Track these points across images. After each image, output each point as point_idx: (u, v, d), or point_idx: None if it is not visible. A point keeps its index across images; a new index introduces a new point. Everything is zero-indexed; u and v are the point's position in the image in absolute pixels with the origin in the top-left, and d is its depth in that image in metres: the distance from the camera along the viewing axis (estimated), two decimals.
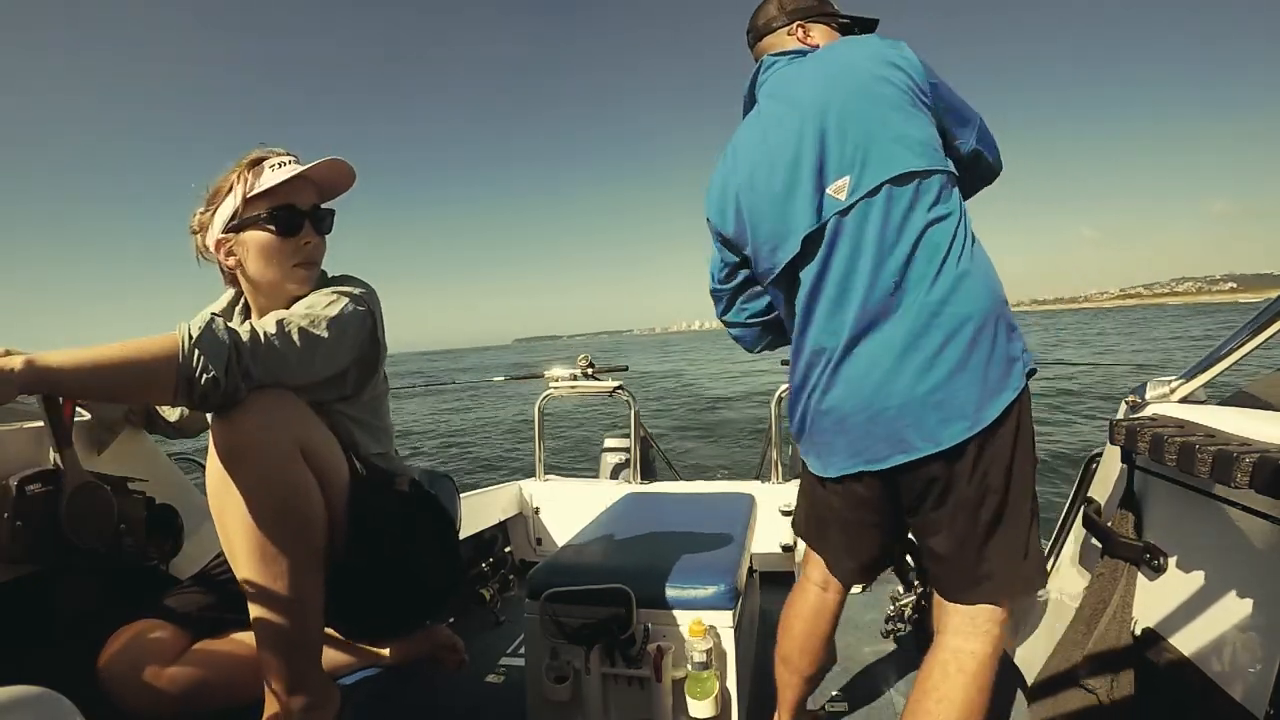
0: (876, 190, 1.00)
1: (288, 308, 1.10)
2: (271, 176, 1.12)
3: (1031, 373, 0.99)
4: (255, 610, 0.99)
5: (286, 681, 1.02)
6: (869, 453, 1.02)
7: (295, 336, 1.00)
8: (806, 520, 1.24)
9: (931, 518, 1.01)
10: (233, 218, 1.13)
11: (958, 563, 1.01)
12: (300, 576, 1.00)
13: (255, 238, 1.13)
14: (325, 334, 1.04)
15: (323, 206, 1.21)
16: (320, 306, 1.07)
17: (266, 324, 0.99)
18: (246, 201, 1.12)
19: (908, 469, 0.99)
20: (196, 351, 0.89)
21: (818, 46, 1.17)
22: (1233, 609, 0.96)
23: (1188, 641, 1.03)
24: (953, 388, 0.95)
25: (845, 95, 1.03)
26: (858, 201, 1.01)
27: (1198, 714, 0.97)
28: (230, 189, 1.14)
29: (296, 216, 1.14)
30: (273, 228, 1.13)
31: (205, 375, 0.89)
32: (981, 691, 0.98)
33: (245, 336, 0.95)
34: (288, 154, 1.17)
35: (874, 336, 1.00)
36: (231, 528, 0.97)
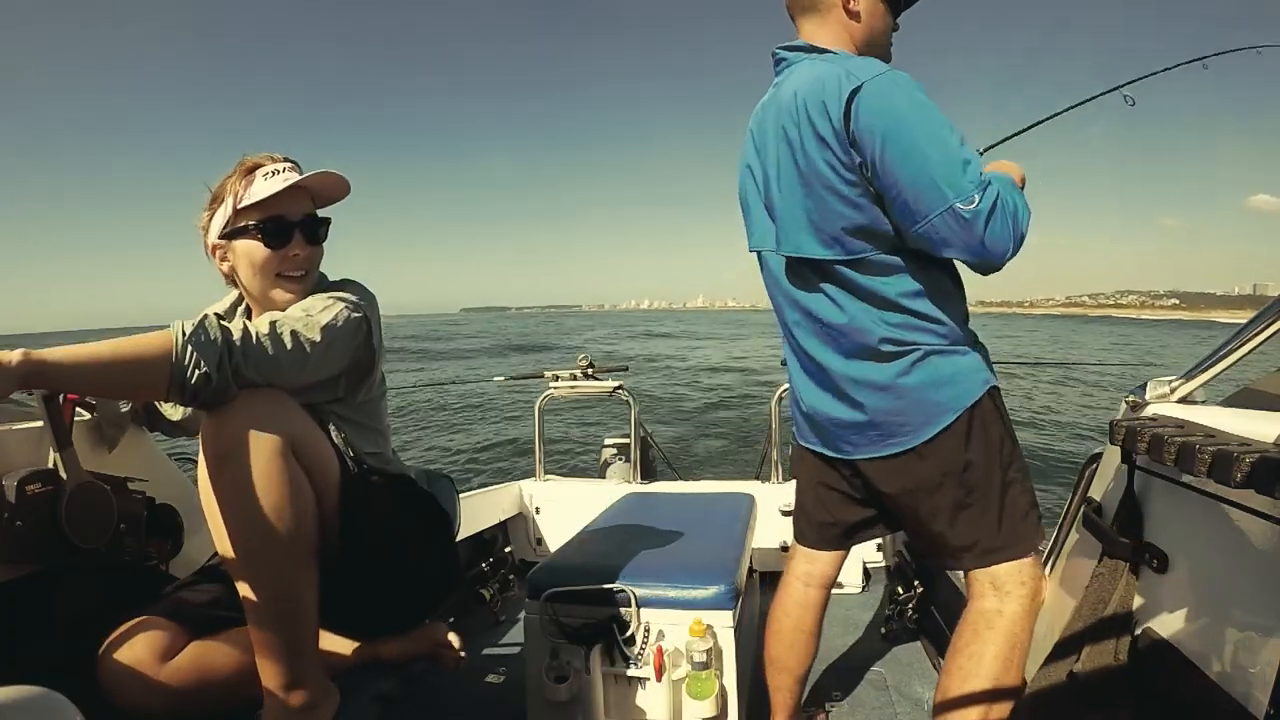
0: (795, 257, 1.10)
1: (284, 310, 1.10)
2: (262, 187, 1.12)
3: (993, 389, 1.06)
4: (249, 608, 0.99)
5: (284, 679, 1.02)
6: (830, 445, 1.16)
7: (287, 338, 1.00)
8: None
9: (900, 501, 1.09)
10: (225, 225, 1.14)
11: (934, 539, 1.08)
12: (293, 573, 1.00)
13: (245, 247, 1.14)
14: (318, 337, 1.04)
15: (319, 215, 1.21)
16: (316, 310, 1.08)
17: (260, 324, 1.00)
18: (237, 211, 1.13)
19: (863, 463, 1.11)
20: (189, 348, 0.90)
21: (858, 15, 1.08)
22: (1232, 609, 0.96)
23: (1187, 641, 1.03)
24: (884, 414, 1.05)
25: (785, 156, 1.05)
26: (785, 257, 1.12)
27: (1197, 714, 0.97)
28: (226, 195, 1.14)
29: (286, 228, 1.14)
30: (262, 239, 1.13)
31: (197, 372, 0.90)
32: (1014, 647, 1.01)
33: (237, 335, 0.95)
34: (284, 160, 1.17)
35: (820, 361, 1.12)
36: (223, 526, 0.97)
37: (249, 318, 1.24)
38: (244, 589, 0.99)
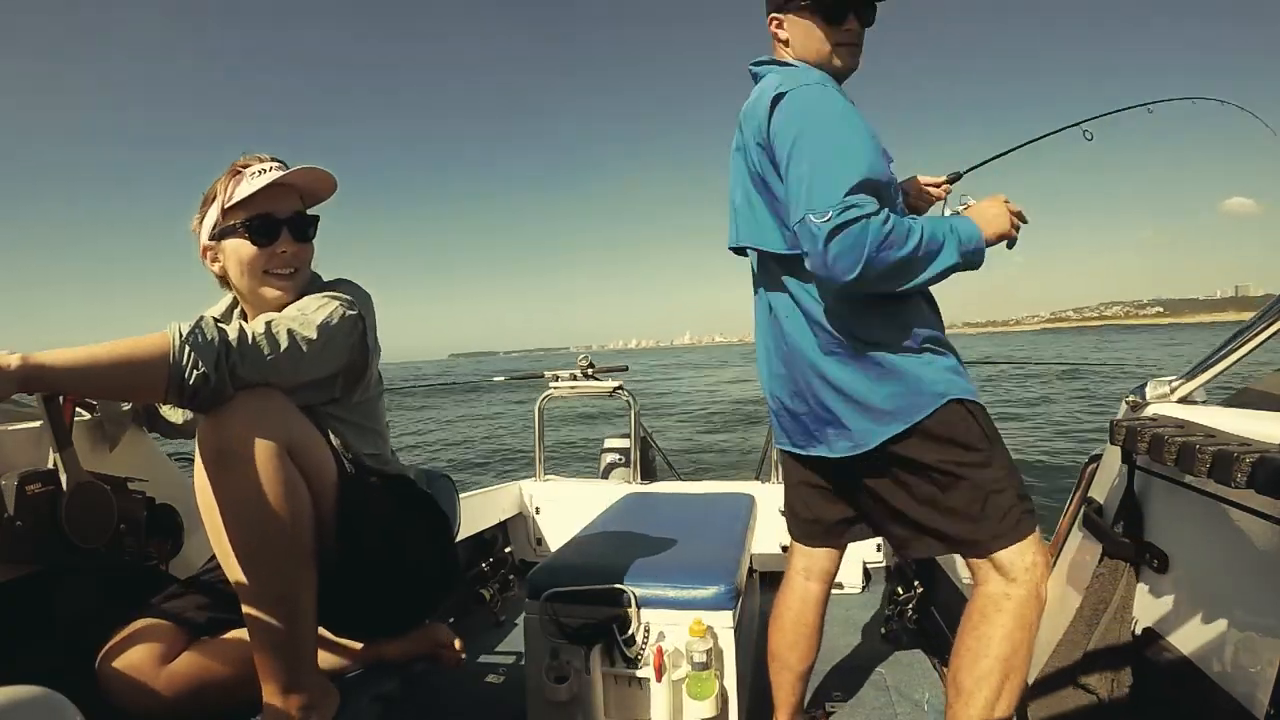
0: (762, 254, 1.15)
1: (280, 311, 1.10)
2: (248, 186, 1.12)
3: (959, 402, 1.04)
4: (247, 610, 0.99)
5: (283, 681, 1.02)
6: (797, 443, 1.19)
7: (283, 337, 1.00)
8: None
9: (874, 494, 1.12)
10: (215, 226, 1.15)
11: (916, 527, 1.09)
12: (290, 575, 1.00)
13: (234, 246, 1.15)
14: (314, 335, 1.04)
15: (308, 213, 1.21)
16: (310, 309, 1.08)
17: (256, 325, 1.00)
18: (225, 211, 1.14)
19: (825, 460, 1.14)
20: (187, 349, 0.90)
21: (787, 41, 1.15)
22: (1233, 609, 0.96)
23: (1188, 641, 1.03)
24: (835, 413, 1.08)
25: (737, 158, 1.14)
26: (758, 255, 1.18)
27: (1197, 714, 0.97)
28: (215, 197, 1.15)
29: (273, 225, 1.14)
30: (248, 236, 1.14)
31: (195, 372, 0.90)
32: (1022, 628, 1.02)
33: (234, 335, 0.96)
34: (272, 160, 1.17)
35: (781, 355, 1.16)
36: (220, 528, 0.97)
37: (245, 320, 1.25)
38: (241, 591, 0.99)
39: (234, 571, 0.99)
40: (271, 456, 0.96)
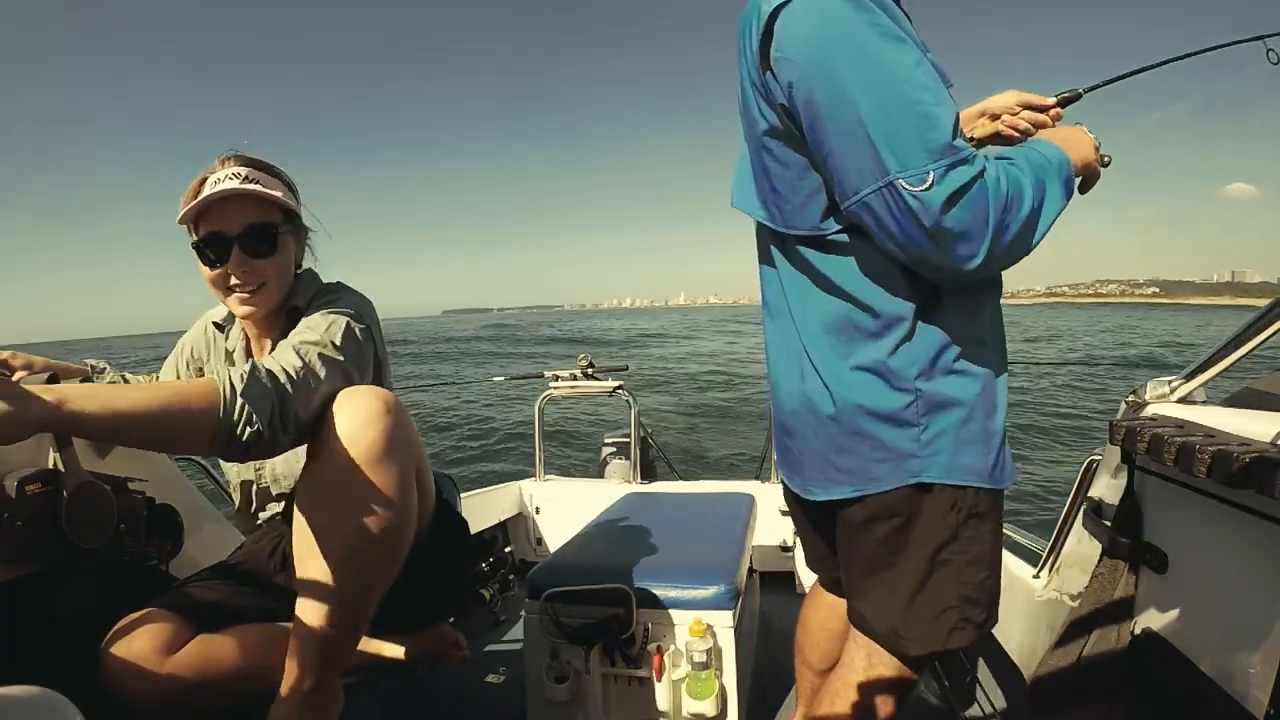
0: (757, 221, 0.88)
1: (279, 327, 1.11)
2: (200, 198, 1.07)
3: (926, 487, 0.78)
4: (313, 614, 0.96)
5: (313, 679, 1.01)
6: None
7: (318, 367, 0.97)
8: None
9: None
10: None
11: (846, 580, 0.92)
12: (377, 584, 1.00)
13: (199, 263, 1.13)
14: (342, 358, 1.02)
15: (281, 216, 1.15)
16: (322, 329, 1.05)
17: (288, 359, 0.95)
18: (187, 225, 1.11)
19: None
20: (241, 402, 0.84)
21: None
22: (1232, 609, 0.96)
23: (1187, 641, 1.03)
24: (787, 441, 0.90)
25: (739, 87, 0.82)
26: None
27: (1196, 714, 0.97)
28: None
29: (222, 244, 1.09)
30: (199, 257, 1.11)
31: (249, 429, 0.84)
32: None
33: (283, 379, 0.90)
34: (236, 164, 1.11)
35: (770, 358, 0.93)
36: (326, 524, 0.94)
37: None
38: (315, 588, 0.95)
39: (315, 567, 0.95)
40: (409, 470, 0.97)
